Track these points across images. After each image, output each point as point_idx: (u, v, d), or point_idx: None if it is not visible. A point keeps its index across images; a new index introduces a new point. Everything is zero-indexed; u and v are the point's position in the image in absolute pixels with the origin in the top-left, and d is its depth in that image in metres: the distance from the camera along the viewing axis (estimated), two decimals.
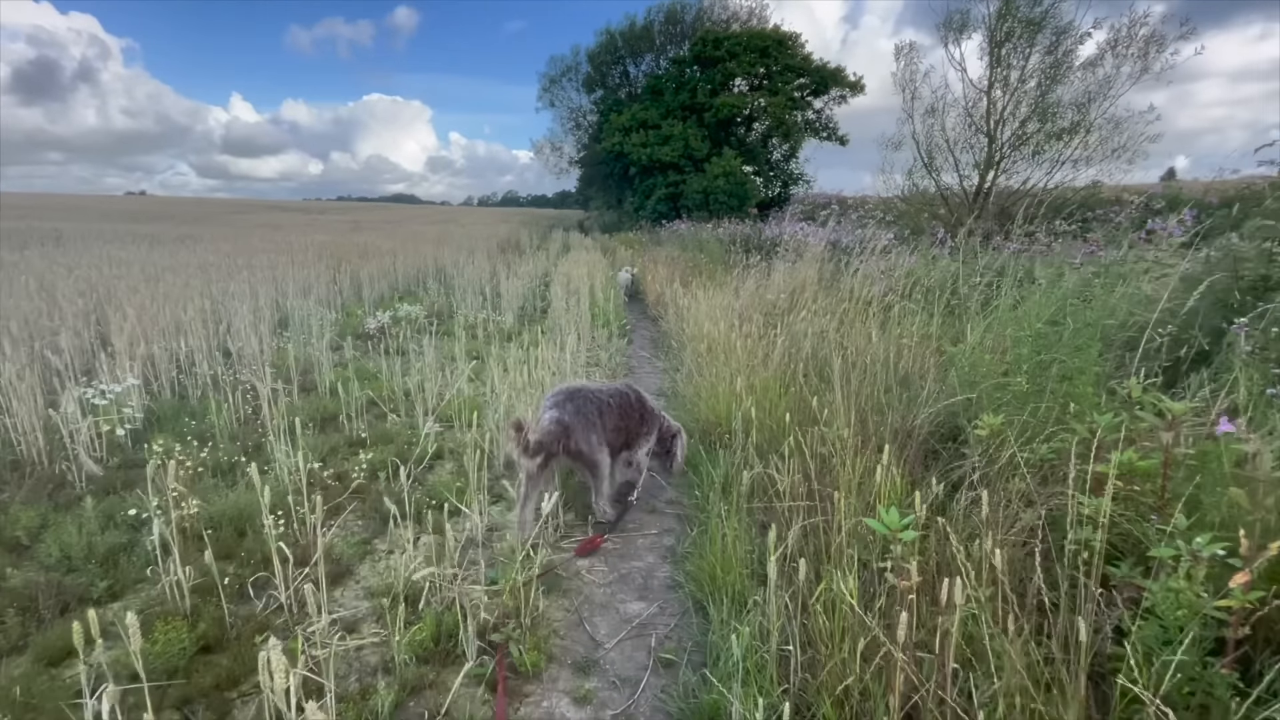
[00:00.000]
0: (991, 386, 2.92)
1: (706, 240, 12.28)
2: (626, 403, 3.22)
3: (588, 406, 2.99)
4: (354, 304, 7.55)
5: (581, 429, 2.89)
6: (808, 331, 4.82)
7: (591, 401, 3.03)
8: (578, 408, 2.95)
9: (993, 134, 9.81)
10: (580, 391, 3.09)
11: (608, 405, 3.09)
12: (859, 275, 6.34)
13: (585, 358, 6.24)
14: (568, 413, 2.90)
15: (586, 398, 3.04)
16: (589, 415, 2.96)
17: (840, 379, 3.58)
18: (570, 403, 2.96)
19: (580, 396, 3.03)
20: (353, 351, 5.43)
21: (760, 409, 3.53)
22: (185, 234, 13.11)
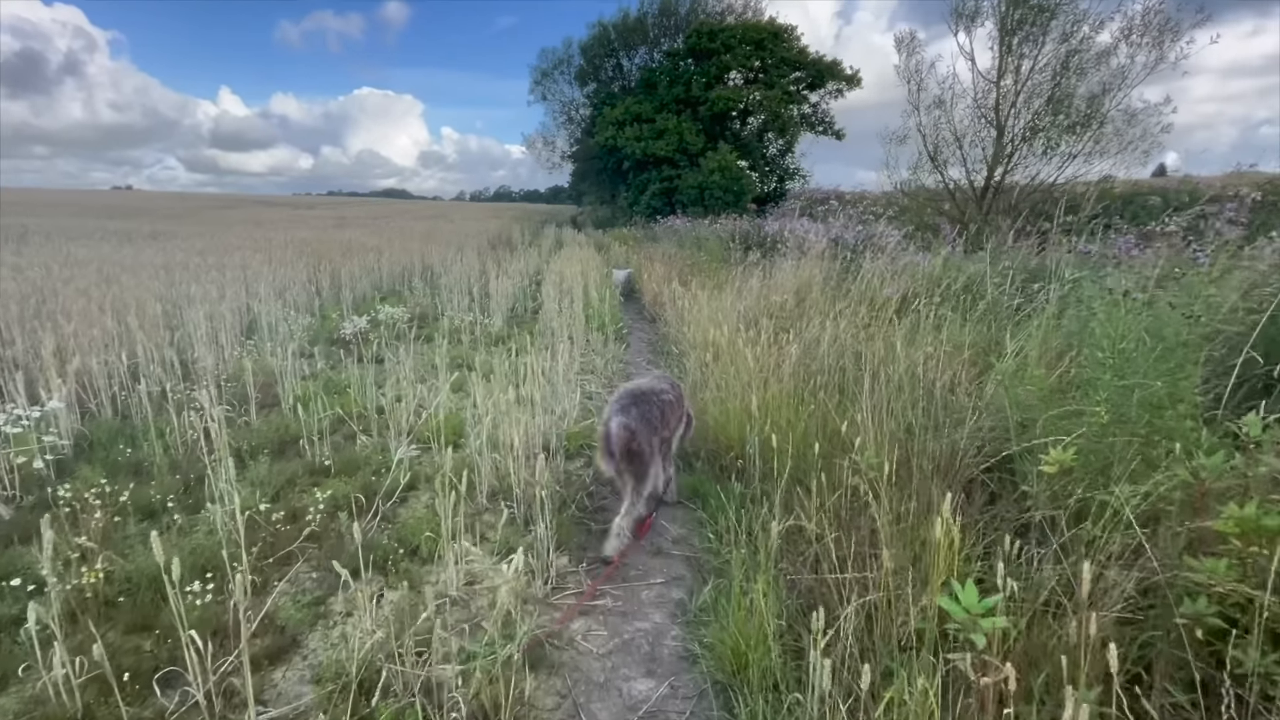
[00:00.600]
0: (1052, 411, 2.52)
1: (704, 237, 11.85)
2: (678, 397, 3.24)
3: (651, 411, 2.97)
4: (332, 306, 7.08)
5: (645, 434, 2.86)
6: (822, 338, 4.42)
7: (654, 405, 3.02)
8: (642, 413, 2.92)
9: (1002, 126, 9.42)
10: (643, 396, 3.06)
11: (667, 404, 3.10)
12: (870, 275, 5.94)
13: (579, 364, 5.82)
14: (633, 417, 2.87)
15: (649, 401, 3.02)
16: (652, 420, 2.94)
17: (868, 397, 3.18)
18: (635, 407, 2.94)
19: (644, 401, 3.01)
20: (323, 362, 4.98)
21: (777, 430, 3.12)
22: (159, 230, 12.53)
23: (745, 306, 5.90)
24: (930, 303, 4.64)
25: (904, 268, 5.88)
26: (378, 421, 3.68)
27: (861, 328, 4.72)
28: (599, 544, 2.76)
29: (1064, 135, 8.48)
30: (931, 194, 10.38)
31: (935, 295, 5.00)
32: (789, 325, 5.39)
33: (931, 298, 4.98)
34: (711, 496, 3.01)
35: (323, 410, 3.54)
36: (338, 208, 34.29)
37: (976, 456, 2.83)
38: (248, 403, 3.74)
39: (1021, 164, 9.15)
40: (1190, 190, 8.44)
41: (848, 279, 6.42)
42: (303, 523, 2.60)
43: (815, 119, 29.12)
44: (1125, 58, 8.49)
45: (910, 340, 4.20)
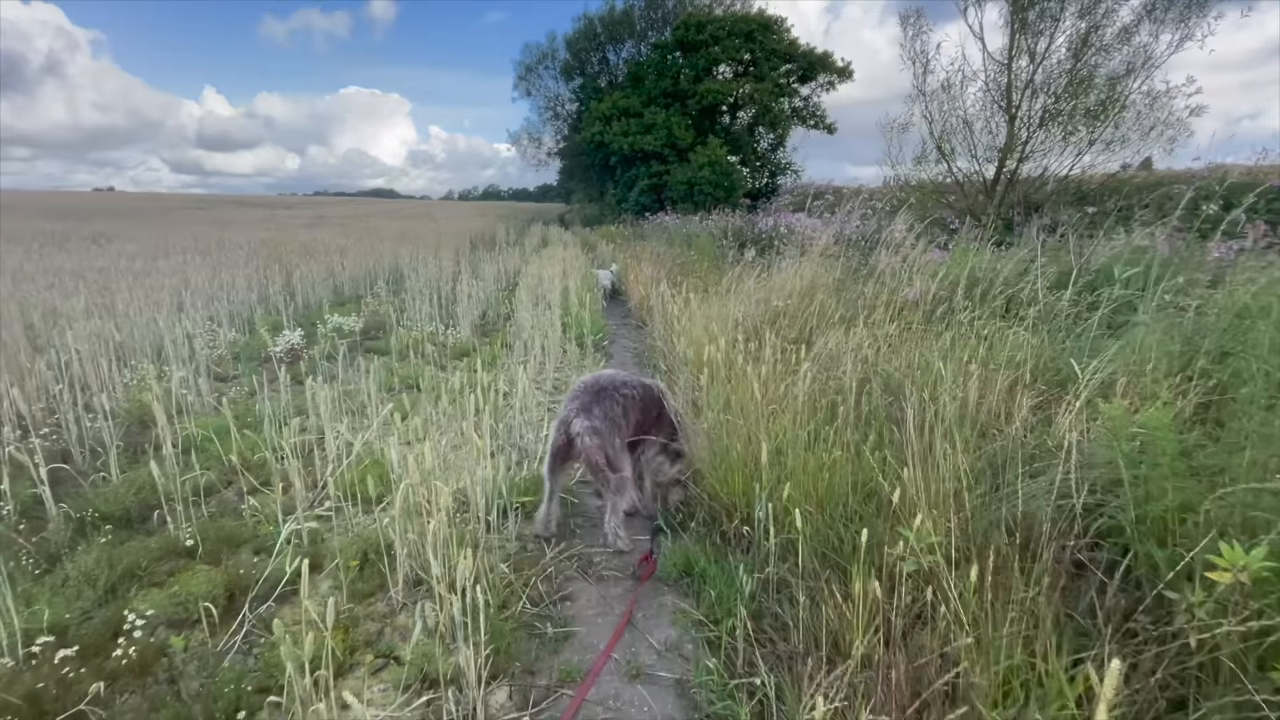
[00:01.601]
0: (1195, 477, 1.77)
1: (695, 234, 11.09)
2: (649, 397, 2.92)
3: (614, 409, 2.69)
4: (269, 317, 6.23)
5: (609, 433, 2.61)
6: (843, 356, 3.66)
7: (617, 400, 2.72)
8: (605, 411, 2.65)
9: (1014, 112, 8.71)
10: (607, 389, 2.76)
11: (632, 401, 2.79)
12: (887, 275, 5.19)
13: (554, 379, 5.04)
14: (597, 417, 2.61)
15: (613, 396, 2.73)
16: (615, 418, 2.67)
17: (914, 438, 2.43)
18: (598, 405, 2.66)
19: (608, 396, 2.72)
20: (243, 387, 4.17)
21: (797, 487, 2.36)
22: (104, 232, 11.63)
23: (743, 313, 5.14)
24: (967, 308, 3.89)
25: (924, 266, 5.14)
26: (280, 472, 2.88)
27: (883, 340, 3.97)
28: (556, 660, 1.99)
29: (1084, 121, 7.79)
30: (937, 186, 9.66)
31: (968, 299, 4.26)
32: (796, 335, 4.64)
33: (964, 301, 4.24)
34: (711, 581, 2.24)
35: (215, 456, 2.74)
36: (317, 207, 33.23)
37: (1064, 523, 2.08)
38: (106, 449, 2.93)
39: (1038, 152, 8.43)
40: (1221, 179, 7.69)
41: (859, 280, 5.68)
42: (108, 658, 1.80)
43: (806, 112, 28.48)
44: (1148, 35, 7.81)
45: (949, 356, 3.46)
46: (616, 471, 2.57)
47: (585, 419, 2.58)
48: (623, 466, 2.61)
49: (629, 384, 2.83)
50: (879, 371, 3.49)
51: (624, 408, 2.70)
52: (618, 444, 2.61)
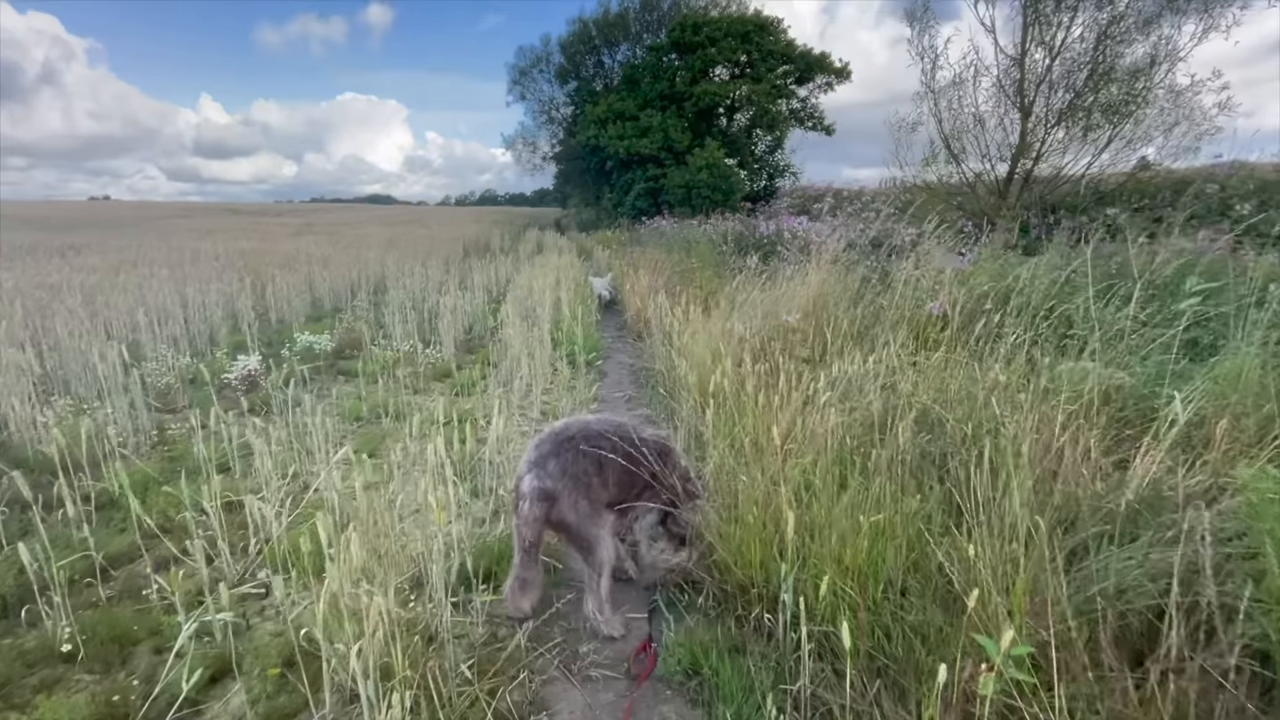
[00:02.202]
0: None
1: (694, 239, 10.63)
2: (639, 453, 2.28)
3: (580, 464, 2.18)
4: (230, 336, 5.74)
5: (569, 495, 2.13)
6: (869, 388, 3.21)
7: (586, 455, 2.20)
8: (564, 467, 2.16)
9: (1029, 108, 8.28)
10: (573, 440, 2.24)
11: (607, 461, 2.23)
12: (907, 284, 4.74)
13: (541, 404, 4.57)
14: (553, 475, 2.14)
15: (579, 450, 2.21)
16: (580, 476, 2.17)
17: (968, 492, 1.98)
18: (557, 458, 2.18)
19: (572, 448, 2.21)
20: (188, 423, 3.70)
21: (828, 553, 1.90)
22: (75, 244, 11.14)
23: (748, 327, 4.68)
24: (1010, 328, 3.44)
25: (945, 274, 4.69)
26: (204, 539, 2.41)
27: (909, 362, 3.52)
28: None
29: (1105, 116, 7.37)
30: (948, 188, 9.23)
31: (1001, 312, 3.81)
32: (809, 354, 4.19)
33: (1000, 316, 3.79)
34: (725, 693, 1.77)
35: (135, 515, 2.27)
36: (308, 214, 32.74)
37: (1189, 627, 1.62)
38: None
39: (1055, 150, 8.00)
40: (1247, 176, 7.24)
41: (873, 290, 5.24)
42: None
43: (804, 114, 28.10)
44: (1171, 26, 7.39)
45: (993, 383, 3.00)
46: (585, 548, 2.12)
47: (535, 476, 2.11)
48: (596, 540, 2.12)
49: (608, 435, 2.27)
50: (912, 403, 3.04)
51: (598, 463, 2.19)
52: (583, 508, 2.11)
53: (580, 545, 2.13)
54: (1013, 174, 8.69)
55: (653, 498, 2.32)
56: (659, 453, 2.34)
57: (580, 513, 2.10)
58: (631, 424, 2.42)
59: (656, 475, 2.30)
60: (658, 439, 2.42)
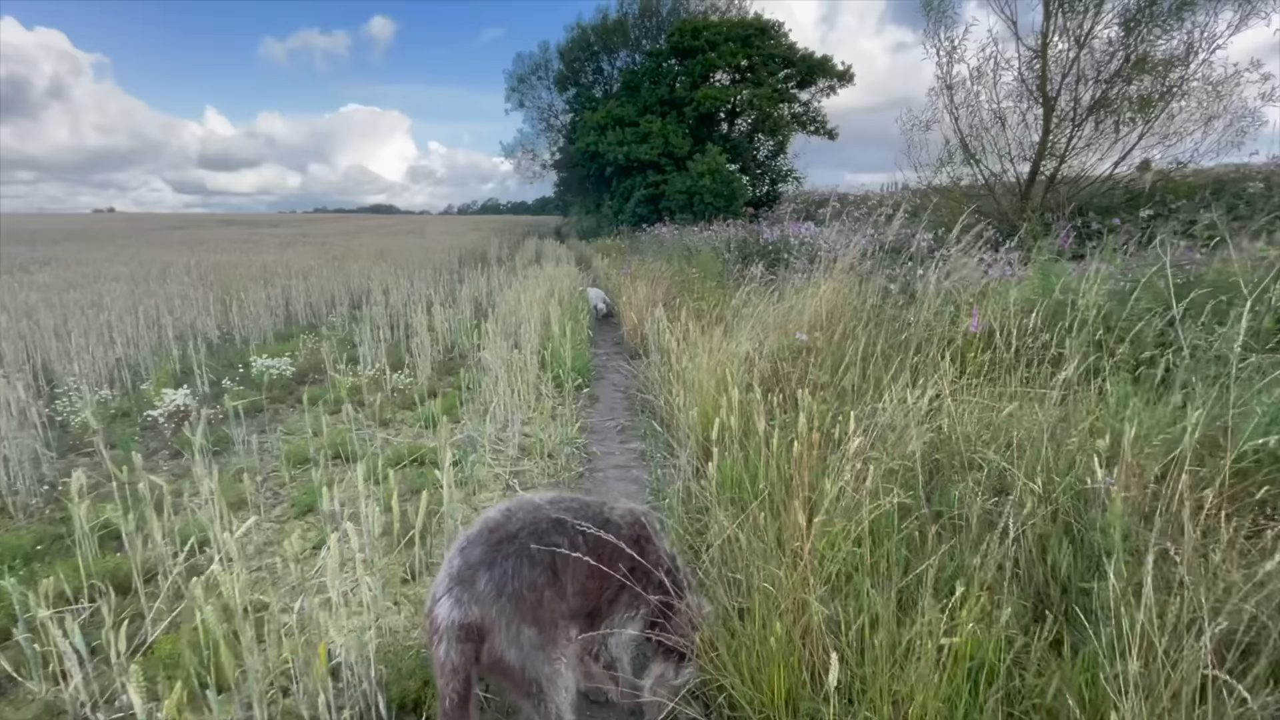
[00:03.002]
0: None
1: (696, 247, 10.09)
2: (602, 544, 1.64)
3: (525, 574, 1.51)
4: (167, 362, 5.19)
5: (509, 625, 1.46)
6: (896, 415, 2.64)
7: (535, 559, 1.54)
8: (501, 582, 1.48)
9: (1052, 103, 7.73)
10: (516, 538, 1.56)
11: (567, 558, 1.58)
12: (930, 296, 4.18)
13: (519, 438, 4.01)
14: (483, 597, 1.46)
15: (524, 552, 1.54)
16: (524, 593, 1.50)
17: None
18: (490, 570, 1.49)
19: (515, 550, 1.53)
20: (90, 472, 3.15)
21: (887, 701, 1.34)
22: (48, 257, 10.65)
23: (757, 348, 4.12)
24: (1053, 341, 2.87)
25: (986, 286, 4.12)
26: (43, 676, 1.84)
27: (947, 391, 2.95)
28: None
29: (1138, 110, 6.81)
30: (964, 190, 8.68)
31: (1054, 330, 3.24)
32: (828, 380, 3.62)
33: (1046, 334, 3.22)
34: None
35: None
36: (305, 225, 32.32)
37: None
38: None
39: (1081, 149, 7.43)
40: None
41: (895, 303, 4.68)
42: None
43: (806, 118, 27.65)
44: (1207, 13, 6.84)
45: (1064, 427, 2.43)
46: (532, 694, 1.48)
47: (455, 602, 1.45)
48: (549, 682, 1.49)
49: (566, 523, 1.64)
50: (966, 451, 2.47)
51: (551, 568, 1.56)
52: (529, 638, 1.47)
53: (526, 691, 1.48)
54: (1034, 174, 8.13)
55: (632, 601, 1.72)
56: (635, 540, 1.71)
57: (525, 646, 1.46)
58: (596, 502, 1.81)
59: (635, 569, 1.69)
60: (632, 518, 1.81)
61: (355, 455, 3.45)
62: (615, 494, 3.41)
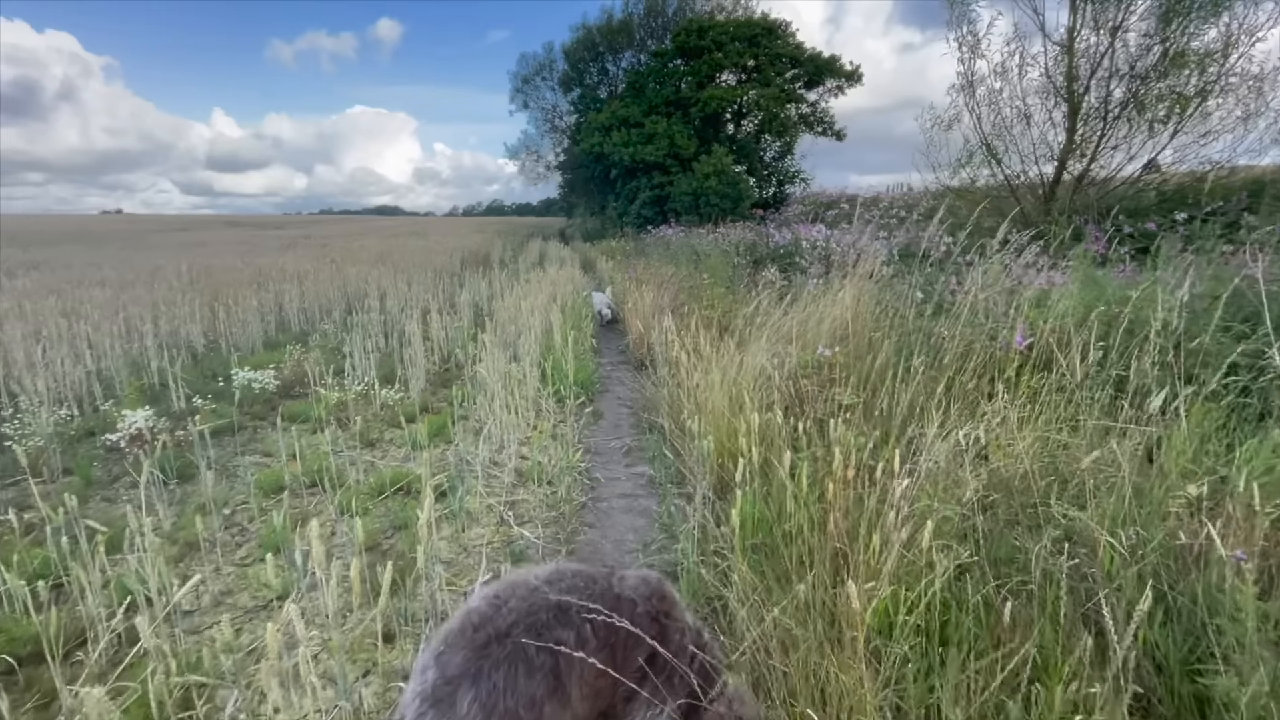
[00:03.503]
0: None
1: (704, 250, 9.75)
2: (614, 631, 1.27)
3: (520, 686, 1.12)
4: (133, 380, 4.87)
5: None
6: (942, 450, 2.30)
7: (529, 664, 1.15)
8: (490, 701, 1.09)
9: (1079, 101, 7.37)
10: (507, 636, 1.18)
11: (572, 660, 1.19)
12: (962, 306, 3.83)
13: (515, 461, 3.68)
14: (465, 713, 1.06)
15: (519, 655, 1.15)
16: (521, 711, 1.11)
17: None
18: (475, 684, 1.10)
19: (507, 654, 1.15)
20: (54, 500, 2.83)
21: None
22: (35, 261, 10.38)
23: (776, 364, 3.78)
24: (1110, 359, 2.52)
25: (1022, 297, 3.77)
26: None
27: (996, 420, 2.60)
28: None
29: (1175, 107, 6.44)
30: (985, 191, 8.31)
31: (1102, 345, 2.89)
32: (854, 399, 3.27)
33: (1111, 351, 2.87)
34: None
35: None
36: (309, 226, 32.13)
37: None
38: None
39: (1110, 147, 7.05)
40: None
41: (918, 310, 4.33)
42: None
43: (814, 119, 27.26)
44: (1246, 4, 6.46)
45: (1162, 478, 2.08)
46: None
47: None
48: None
49: (569, 609, 1.27)
50: (1019, 493, 2.13)
51: (553, 673, 1.19)
52: None
53: None
54: (1059, 174, 7.76)
55: (653, 698, 1.33)
56: (654, 619, 1.36)
57: None
58: (603, 574, 1.42)
59: (655, 658, 1.33)
60: (648, 590, 1.41)
61: (334, 484, 3.12)
62: (622, 528, 3.08)
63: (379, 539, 2.79)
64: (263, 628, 2.15)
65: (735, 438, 3.11)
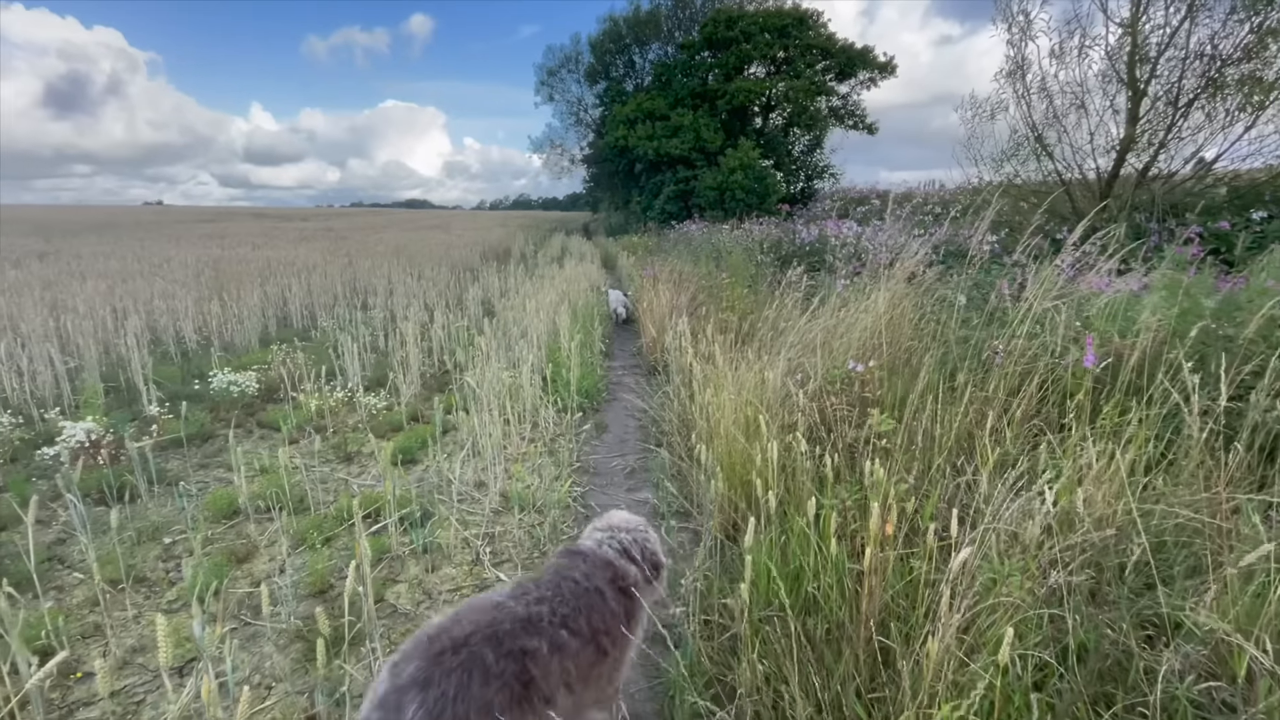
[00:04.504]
0: None
1: (726, 247, 9.26)
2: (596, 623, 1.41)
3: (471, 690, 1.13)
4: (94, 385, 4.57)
5: None
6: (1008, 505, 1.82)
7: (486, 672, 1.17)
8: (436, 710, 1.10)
9: (1142, 88, 6.69)
10: (465, 641, 1.20)
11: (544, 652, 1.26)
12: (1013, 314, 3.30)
13: (501, 482, 3.27)
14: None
15: (473, 659, 1.17)
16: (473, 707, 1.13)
17: None
18: (423, 691, 1.11)
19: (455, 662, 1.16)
20: None
21: None
22: (54, 250, 10.34)
23: (799, 379, 3.31)
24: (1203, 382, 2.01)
25: (1096, 304, 3.23)
26: None
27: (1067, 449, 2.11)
28: None
29: (1255, 94, 5.74)
30: (1032, 186, 7.67)
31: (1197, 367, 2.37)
32: (891, 424, 2.79)
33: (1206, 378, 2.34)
34: None
35: None
36: (334, 218, 32.26)
37: None
38: None
39: (1185, 137, 6.36)
40: None
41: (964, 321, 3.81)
42: None
43: (845, 111, 26.41)
44: None
45: None
46: None
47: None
48: None
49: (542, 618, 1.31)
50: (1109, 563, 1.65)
51: (521, 675, 1.20)
52: None
53: None
54: (1118, 168, 7.09)
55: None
56: (620, 590, 1.51)
57: None
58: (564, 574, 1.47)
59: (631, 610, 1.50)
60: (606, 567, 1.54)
61: (292, 509, 2.76)
62: None
63: (330, 579, 2.41)
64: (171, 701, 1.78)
65: (749, 467, 2.68)
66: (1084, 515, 1.83)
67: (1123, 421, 2.30)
